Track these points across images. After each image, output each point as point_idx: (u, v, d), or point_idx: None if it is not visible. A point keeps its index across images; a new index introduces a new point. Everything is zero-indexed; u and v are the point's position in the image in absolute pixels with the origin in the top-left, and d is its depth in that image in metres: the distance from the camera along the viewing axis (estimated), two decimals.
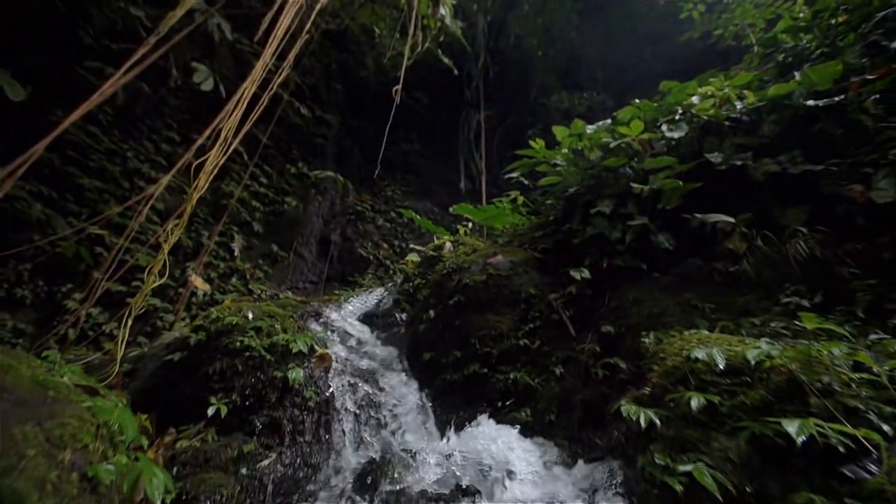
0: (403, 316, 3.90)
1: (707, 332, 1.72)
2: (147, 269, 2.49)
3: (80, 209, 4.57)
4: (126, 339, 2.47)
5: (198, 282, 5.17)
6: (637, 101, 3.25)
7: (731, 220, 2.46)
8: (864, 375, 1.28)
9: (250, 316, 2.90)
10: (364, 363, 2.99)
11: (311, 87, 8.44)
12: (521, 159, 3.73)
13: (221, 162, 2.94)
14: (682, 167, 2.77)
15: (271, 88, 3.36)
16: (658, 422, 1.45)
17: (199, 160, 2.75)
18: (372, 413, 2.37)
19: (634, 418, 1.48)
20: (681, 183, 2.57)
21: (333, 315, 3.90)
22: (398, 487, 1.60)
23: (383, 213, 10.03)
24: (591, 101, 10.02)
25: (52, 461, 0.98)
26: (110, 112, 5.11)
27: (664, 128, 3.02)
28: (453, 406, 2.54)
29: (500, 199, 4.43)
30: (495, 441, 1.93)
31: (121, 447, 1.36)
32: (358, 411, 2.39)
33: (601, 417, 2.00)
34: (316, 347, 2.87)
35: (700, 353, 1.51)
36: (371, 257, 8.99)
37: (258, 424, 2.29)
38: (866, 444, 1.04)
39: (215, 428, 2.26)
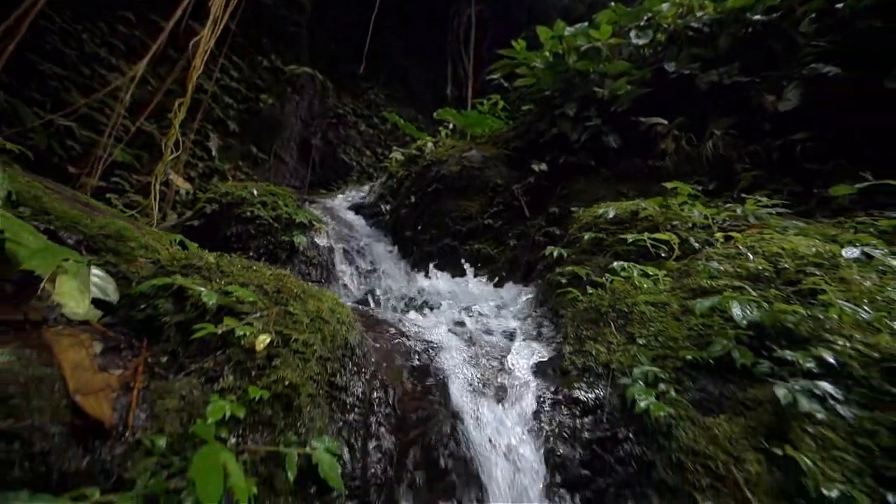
0: (387, 207, 4.54)
1: (614, 202, 2.43)
2: (163, 143, 2.94)
3: (43, 98, 4.68)
4: (155, 206, 3.02)
5: (179, 180, 5.57)
6: (614, 3, 3.54)
7: (666, 122, 3.05)
8: (702, 221, 2.02)
9: (255, 192, 3.47)
10: (355, 237, 3.70)
11: None
12: (504, 60, 4.05)
13: (213, 42, 3.20)
14: (640, 73, 3.24)
15: None
16: (565, 254, 2.21)
17: (195, 40, 3.02)
18: (363, 267, 3.13)
19: (553, 254, 2.25)
20: (629, 87, 3.08)
21: (325, 202, 4.51)
22: (388, 296, 2.41)
23: (366, 119, 10.05)
24: None
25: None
26: None
27: (632, 34, 3.40)
28: (425, 268, 3.34)
29: (480, 102, 4.80)
30: (457, 283, 2.73)
31: None
32: (352, 267, 3.15)
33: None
34: (314, 223, 3.52)
35: (601, 210, 2.23)
36: (354, 163, 9.30)
37: None
38: (670, 247, 1.81)
39: None
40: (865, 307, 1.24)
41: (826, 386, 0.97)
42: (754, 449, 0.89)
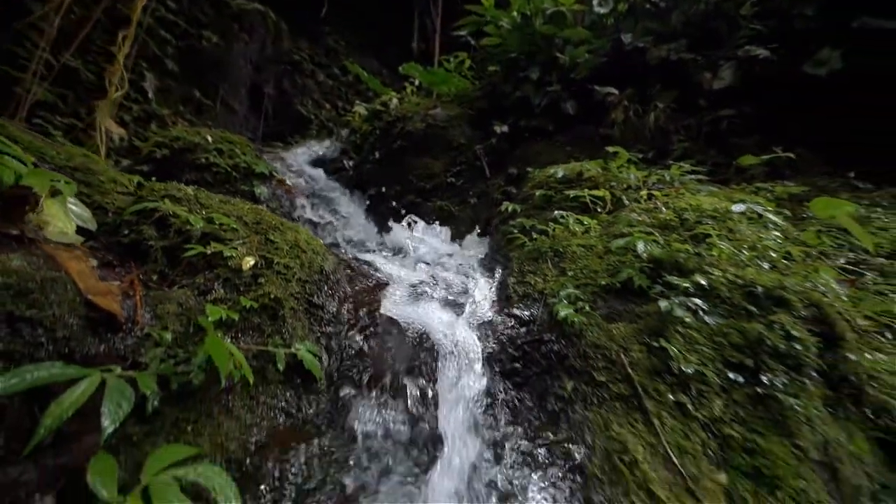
0: (350, 163, 4.58)
1: (564, 164, 2.71)
2: (107, 80, 2.80)
3: None
4: (102, 148, 2.90)
5: (111, 125, 5.19)
6: None
7: (617, 93, 3.33)
8: (634, 183, 2.35)
9: (209, 139, 3.39)
10: (318, 191, 3.76)
11: None
12: (471, 15, 4.09)
13: None
14: (599, 42, 3.47)
15: None
16: (518, 209, 2.48)
17: None
18: (327, 219, 3.25)
19: (508, 209, 2.51)
20: (588, 56, 3.30)
21: (284, 155, 4.46)
22: (352, 247, 2.59)
23: (325, 69, 9.56)
24: None
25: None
26: None
27: (595, 1, 3.58)
28: (388, 221, 3.52)
29: (447, 59, 4.84)
30: (421, 236, 2.95)
31: None
32: (317, 219, 3.25)
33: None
34: (274, 174, 3.53)
35: (552, 171, 2.51)
36: (312, 117, 8.94)
37: None
38: (604, 202, 2.12)
39: None
40: (744, 250, 1.62)
41: (698, 301, 1.32)
42: (639, 343, 1.23)
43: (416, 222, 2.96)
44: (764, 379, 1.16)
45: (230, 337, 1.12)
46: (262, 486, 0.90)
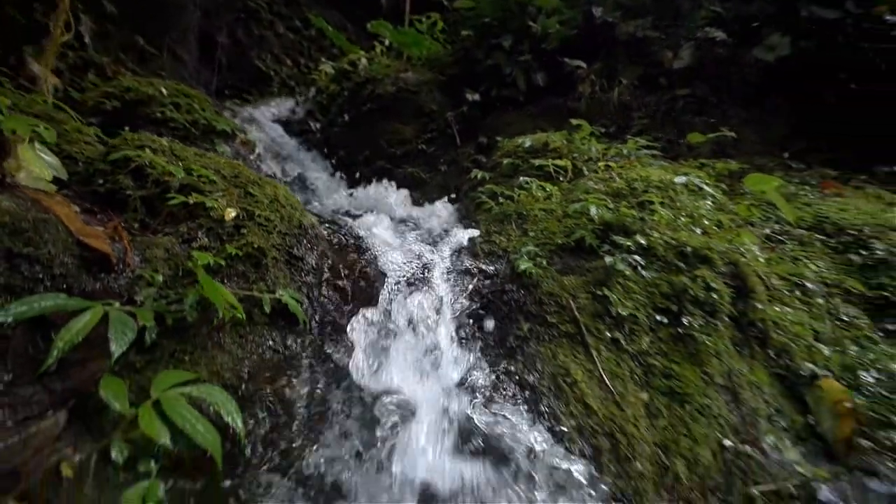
0: (317, 125, 4.50)
1: (532, 135, 2.87)
2: (51, 22, 2.60)
3: None
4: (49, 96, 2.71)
5: (43, 71, 4.76)
6: None
7: (585, 66, 3.49)
8: (594, 155, 2.55)
9: (164, 91, 3.24)
10: (284, 152, 3.72)
11: None
12: None
13: None
14: (570, 13, 3.57)
15: None
16: (487, 177, 2.63)
17: None
18: (296, 179, 3.26)
19: (477, 177, 2.65)
20: (559, 27, 3.42)
21: (245, 113, 4.31)
22: (323, 210, 2.66)
23: (285, 20, 8.99)
24: None
25: None
26: None
27: None
28: (360, 186, 3.57)
29: (419, 20, 4.76)
30: (392, 200, 3.05)
31: None
32: (286, 179, 3.25)
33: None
34: (237, 133, 3.45)
35: (520, 141, 2.66)
36: (272, 73, 8.47)
37: None
38: (566, 171, 2.32)
39: None
40: (681, 216, 1.87)
41: (637, 258, 1.55)
42: (586, 292, 1.44)
43: (386, 188, 3.05)
44: (684, 321, 1.41)
45: (217, 281, 1.21)
46: (258, 408, 1.04)
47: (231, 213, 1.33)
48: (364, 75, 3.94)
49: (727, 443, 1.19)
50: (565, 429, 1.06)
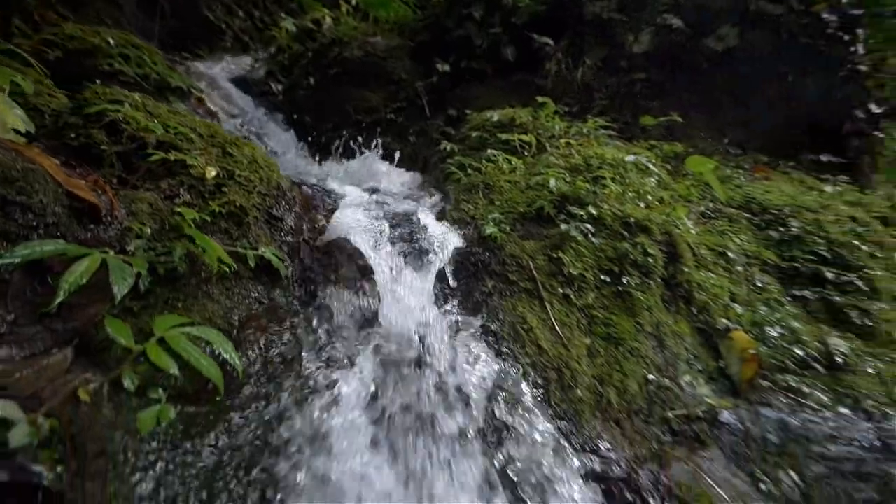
0: (279, 87, 4.38)
1: (500, 109, 3.02)
2: None
3: None
4: None
5: None
6: None
7: (553, 44, 3.65)
8: (557, 132, 2.75)
9: (111, 41, 3.05)
10: (245, 115, 3.63)
11: None
12: None
13: None
14: None
15: None
16: (456, 149, 2.77)
17: None
18: (259, 143, 3.23)
19: (446, 148, 2.78)
20: (529, 1, 3.53)
21: (197, 69, 4.11)
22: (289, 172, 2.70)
23: None
24: None
25: None
26: None
27: None
28: (327, 155, 3.59)
29: None
30: (362, 169, 3.11)
31: None
32: None
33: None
34: (193, 90, 3.32)
35: (489, 115, 2.81)
36: (223, 25, 7.90)
37: None
38: (530, 146, 2.51)
39: None
40: (629, 191, 2.12)
41: (588, 226, 1.78)
42: (543, 254, 1.66)
43: (356, 157, 3.11)
44: (624, 280, 1.67)
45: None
46: (250, 352, 1.17)
47: (212, 172, 1.40)
48: (330, 36, 3.87)
49: (651, 377, 1.47)
50: (522, 364, 1.28)
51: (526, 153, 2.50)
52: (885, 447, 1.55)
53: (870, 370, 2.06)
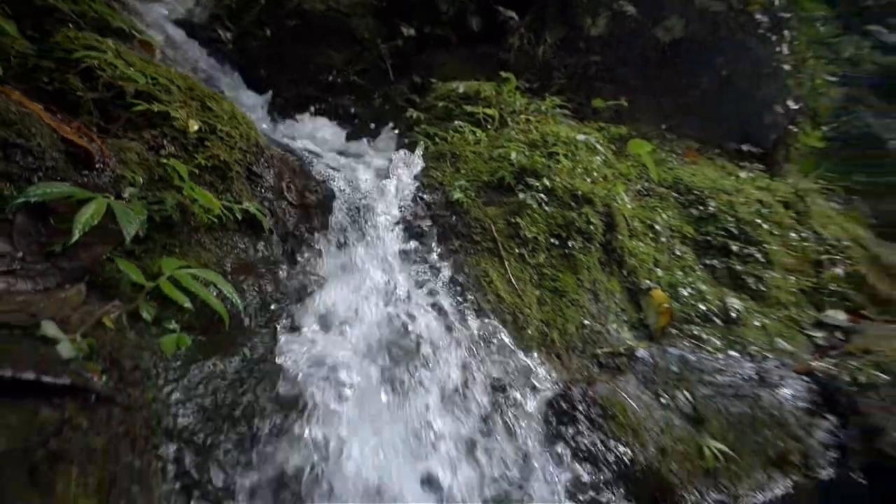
0: (228, 34, 4.16)
1: (465, 81, 3.18)
2: None
3: None
4: None
5: None
6: None
7: (517, 18, 3.82)
8: (518, 108, 2.98)
9: None
10: (193, 63, 3.47)
11: None
12: None
13: None
14: None
15: None
16: (422, 117, 2.92)
17: None
18: None
19: (413, 116, 2.92)
20: None
21: (137, 7, 3.80)
22: None
23: None
24: None
25: None
26: None
27: None
28: (288, 115, 3.56)
29: None
30: (327, 131, 3.16)
31: None
32: None
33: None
34: (136, 33, 3.11)
35: (454, 86, 2.97)
36: None
37: None
38: (493, 120, 2.73)
39: None
40: (578, 167, 2.42)
41: (543, 196, 2.06)
42: (503, 219, 1.92)
43: (316, 118, 3.15)
44: (570, 244, 1.99)
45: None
46: (247, 295, 1.32)
47: (194, 126, 1.47)
48: None
49: (586, 323, 1.82)
50: (484, 308, 1.54)
51: (489, 126, 2.72)
52: (760, 379, 2.04)
53: (757, 324, 2.60)
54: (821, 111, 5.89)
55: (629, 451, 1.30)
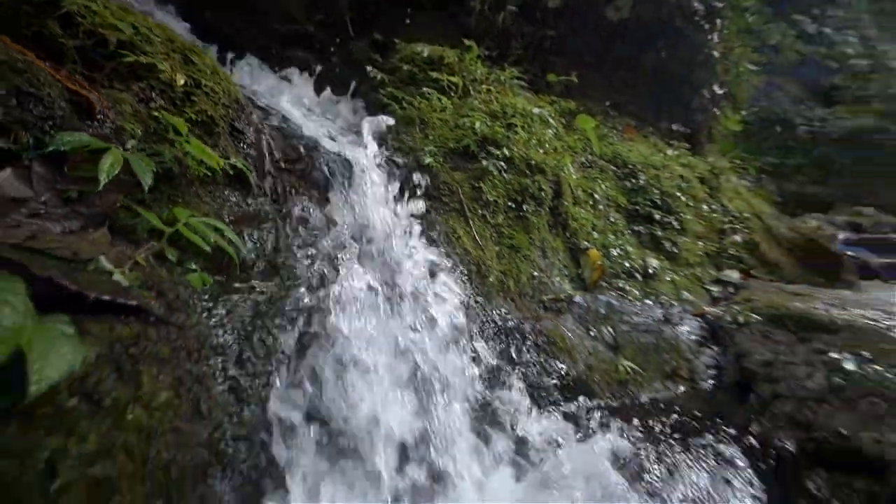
0: None
1: (428, 45, 3.31)
2: None
3: None
4: None
5: None
6: None
7: None
8: (480, 77, 3.19)
9: None
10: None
11: None
12: None
13: None
14: None
15: None
16: (387, 79, 3.03)
17: None
18: None
19: (377, 77, 3.02)
20: None
21: None
22: None
23: None
24: None
25: None
26: None
27: None
28: (237, 67, 3.46)
29: None
30: (286, 87, 3.16)
31: None
32: None
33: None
34: None
35: (418, 49, 3.10)
36: None
37: None
38: (457, 88, 2.93)
39: None
40: (534, 138, 2.73)
41: (502, 164, 2.36)
42: (468, 183, 2.19)
43: (270, 71, 3.14)
44: (524, 207, 2.32)
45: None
46: (249, 244, 1.49)
47: (181, 80, 1.54)
48: None
49: (535, 275, 2.19)
50: (453, 259, 1.84)
51: (453, 94, 2.92)
52: (665, 319, 2.58)
53: (668, 280, 3.17)
54: (741, 97, 6.70)
55: (565, 367, 1.71)
